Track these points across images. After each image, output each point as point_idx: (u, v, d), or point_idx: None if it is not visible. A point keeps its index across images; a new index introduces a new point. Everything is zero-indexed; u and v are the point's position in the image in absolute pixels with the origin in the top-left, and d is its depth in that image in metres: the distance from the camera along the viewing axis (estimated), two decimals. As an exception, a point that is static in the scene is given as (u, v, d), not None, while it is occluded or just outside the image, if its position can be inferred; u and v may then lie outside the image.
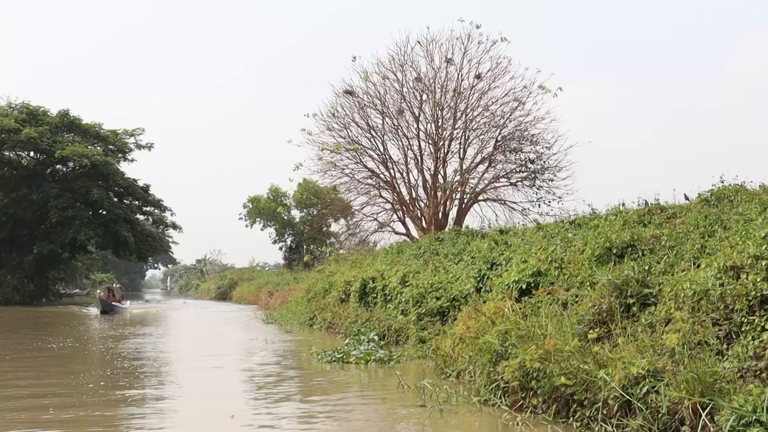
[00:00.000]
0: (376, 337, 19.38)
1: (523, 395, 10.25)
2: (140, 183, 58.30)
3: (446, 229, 32.44)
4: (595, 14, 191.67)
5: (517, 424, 9.76)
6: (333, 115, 36.44)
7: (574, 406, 9.34)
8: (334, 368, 16.35)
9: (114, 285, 58.39)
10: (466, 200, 36.19)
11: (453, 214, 36.04)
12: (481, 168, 36.28)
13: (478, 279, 17.32)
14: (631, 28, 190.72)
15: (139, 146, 58.32)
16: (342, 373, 15.83)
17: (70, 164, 54.66)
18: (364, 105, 36.43)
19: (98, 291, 48.40)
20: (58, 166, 56.08)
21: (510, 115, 35.62)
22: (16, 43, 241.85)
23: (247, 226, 65.56)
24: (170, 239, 71.30)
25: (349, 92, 36.40)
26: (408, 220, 36.86)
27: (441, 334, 15.52)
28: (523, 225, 28.78)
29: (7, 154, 55.15)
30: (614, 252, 12.83)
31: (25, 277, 58.38)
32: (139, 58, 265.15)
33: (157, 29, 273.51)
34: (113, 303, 44.43)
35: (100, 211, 54.37)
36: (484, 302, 15.04)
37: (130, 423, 10.54)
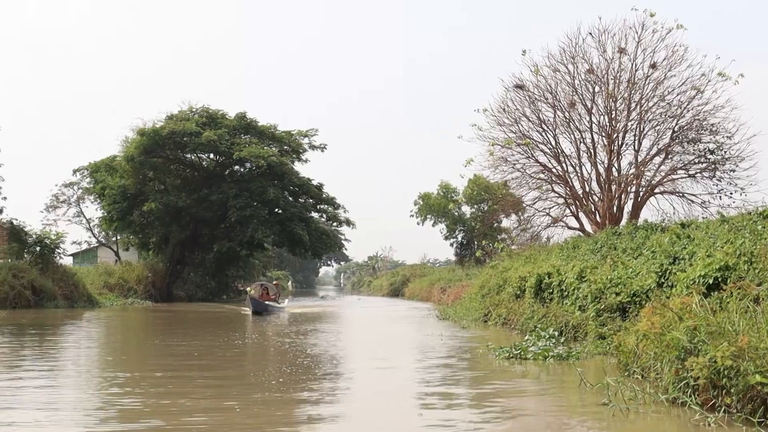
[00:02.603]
0: (555, 333, 19.15)
1: (714, 393, 9.85)
2: (314, 182, 59.60)
3: (622, 224, 31.65)
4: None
5: (709, 424, 9.38)
6: (503, 110, 36.13)
7: (772, 406, 8.92)
8: (512, 364, 16.26)
9: (273, 281, 56.77)
10: (641, 193, 35.16)
11: (628, 207, 35.11)
12: (657, 160, 35.13)
13: (660, 274, 16.82)
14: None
15: (313, 147, 59.61)
16: (520, 369, 15.72)
17: (248, 165, 56.52)
18: (535, 99, 35.90)
19: (249, 289, 44.23)
20: (236, 167, 58.13)
21: (687, 104, 34.27)
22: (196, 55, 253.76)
23: (418, 223, 66.14)
24: (342, 236, 72.61)
25: (520, 86, 35.94)
26: (581, 215, 36.15)
27: (623, 330, 15.16)
28: (704, 218, 27.76)
29: (190, 156, 57.71)
30: (810, 245, 12.19)
31: (206, 274, 61.02)
32: (308, 62, 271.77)
33: (323, 33, 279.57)
34: (267, 302, 40.89)
35: (276, 209, 55.87)
36: (667, 297, 14.58)
37: (311, 422, 10.78)
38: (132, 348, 22.57)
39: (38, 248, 42.20)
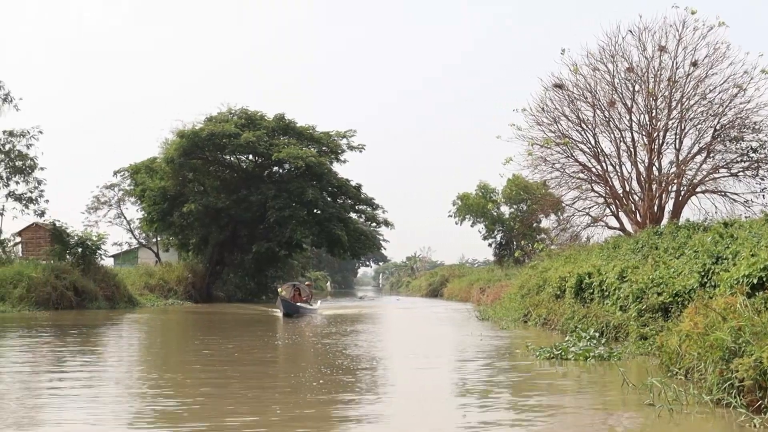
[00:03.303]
0: (596, 334, 19.01)
1: (760, 395, 9.71)
2: (352, 182, 59.65)
3: (663, 223, 31.32)
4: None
5: (755, 425, 9.25)
6: (542, 109, 35.89)
7: (820, 407, 8.77)
8: (552, 365, 16.16)
9: (306, 282, 54.95)
10: (682, 192, 34.78)
11: (669, 207, 34.75)
12: (699, 158, 34.72)
13: (703, 274, 16.60)
14: None
15: (351, 147, 59.69)
16: (561, 369, 15.62)
17: (286, 166, 56.77)
18: (574, 98, 35.62)
19: (280, 289, 42.05)
20: (274, 168, 58.44)
21: (729, 102, 33.82)
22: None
23: (456, 223, 65.91)
24: (381, 237, 72.45)
25: (559, 86, 35.65)
26: (621, 215, 35.83)
27: (665, 331, 15.00)
28: (747, 217, 27.41)
29: (229, 157, 58.07)
30: None
31: (246, 275, 61.35)
32: (348, 66, 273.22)
33: (362, 40, 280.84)
34: (299, 304, 39.25)
35: (315, 210, 56.02)
36: (710, 297, 14.39)
37: (351, 424, 10.78)
38: (173, 349, 22.73)
39: (80, 249, 42.69)
